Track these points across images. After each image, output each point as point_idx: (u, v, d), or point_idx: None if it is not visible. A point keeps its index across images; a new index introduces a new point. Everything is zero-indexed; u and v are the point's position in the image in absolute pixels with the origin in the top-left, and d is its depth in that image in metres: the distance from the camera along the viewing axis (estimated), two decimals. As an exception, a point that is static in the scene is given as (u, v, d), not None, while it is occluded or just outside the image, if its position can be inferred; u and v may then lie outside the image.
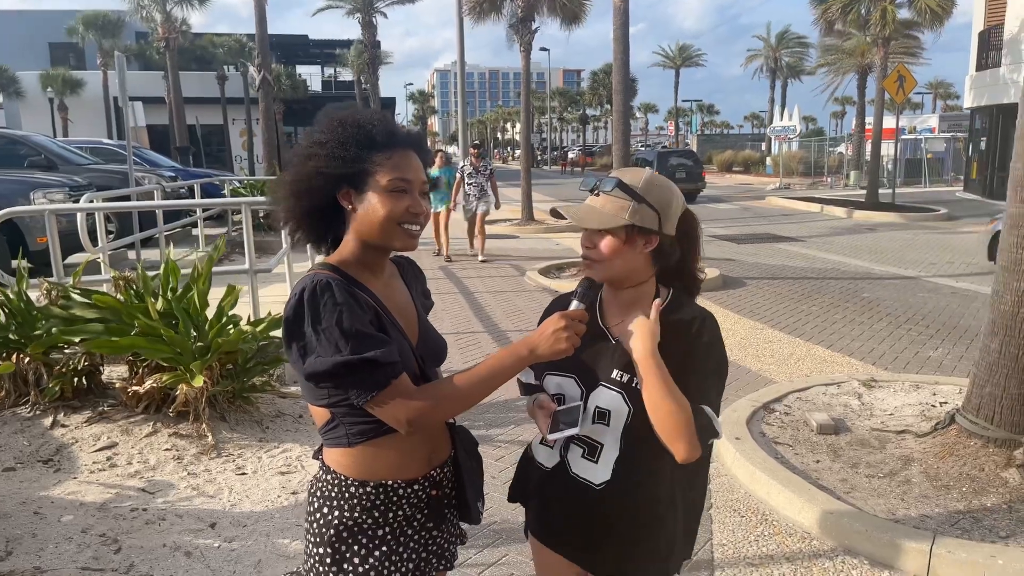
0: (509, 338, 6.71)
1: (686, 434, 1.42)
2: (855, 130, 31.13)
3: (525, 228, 15.63)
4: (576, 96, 71.04)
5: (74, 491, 3.55)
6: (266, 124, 22.53)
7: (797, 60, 47.91)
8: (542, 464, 1.68)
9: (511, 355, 1.40)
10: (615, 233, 1.52)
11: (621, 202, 1.52)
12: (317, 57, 44.85)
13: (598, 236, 1.53)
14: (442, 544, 1.58)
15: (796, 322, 7.25)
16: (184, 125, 28.60)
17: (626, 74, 11.50)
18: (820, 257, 11.68)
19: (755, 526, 3.33)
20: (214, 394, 4.18)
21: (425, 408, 1.37)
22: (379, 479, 1.45)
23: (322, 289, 1.35)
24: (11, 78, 34.42)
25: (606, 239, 1.52)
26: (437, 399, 1.39)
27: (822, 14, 22.15)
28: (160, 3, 28.20)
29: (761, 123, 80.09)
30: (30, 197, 8.51)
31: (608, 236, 1.52)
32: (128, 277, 4.56)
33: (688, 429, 1.42)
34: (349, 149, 1.41)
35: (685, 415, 1.42)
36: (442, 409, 1.41)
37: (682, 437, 1.42)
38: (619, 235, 1.52)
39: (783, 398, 4.71)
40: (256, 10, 20.57)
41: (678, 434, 1.42)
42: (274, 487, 3.65)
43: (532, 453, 1.73)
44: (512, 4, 16.83)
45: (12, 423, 4.19)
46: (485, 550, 3.08)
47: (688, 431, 1.42)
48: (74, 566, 2.91)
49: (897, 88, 17.97)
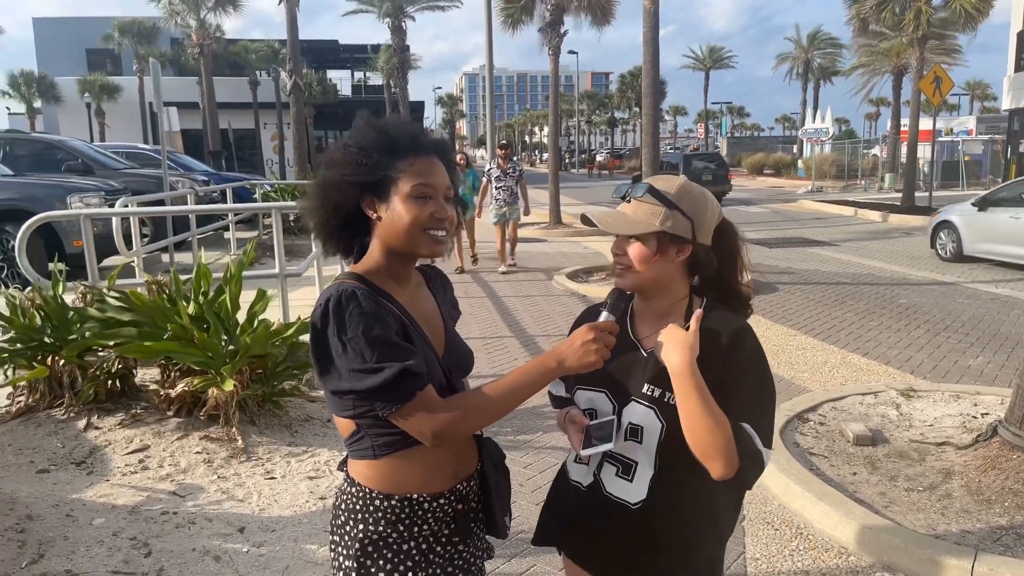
0: (537, 343, 6.67)
1: (724, 452, 1.36)
2: (890, 132, 30.57)
3: (553, 232, 15.59)
4: (604, 99, 70.83)
5: (106, 494, 3.59)
6: (297, 128, 22.80)
7: (829, 61, 47.23)
8: (577, 482, 1.62)
9: (539, 367, 1.37)
10: (646, 240, 1.48)
11: (652, 208, 1.48)
12: (347, 62, 45.31)
13: (629, 243, 1.49)
14: (468, 559, 1.55)
15: (830, 328, 7.11)
16: (217, 129, 29.06)
17: (656, 77, 11.40)
18: (854, 262, 11.47)
19: (789, 540, 3.25)
20: (244, 398, 4.21)
21: (451, 420, 1.35)
22: (404, 492, 1.43)
23: (347, 299, 1.34)
24: (49, 84, 35.29)
25: (636, 246, 1.48)
26: (463, 411, 1.37)
27: (856, 13, 21.80)
28: (194, 10, 28.68)
29: (793, 125, 79.10)
30: (67, 201, 8.67)
31: (638, 243, 1.48)
32: (161, 281, 4.61)
33: (727, 447, 1.36)
34: (372, 156, 1.40)
35: (723, 433, 1.36)
36: (468, 421, 1.38)
37: (720, 455, 1.37)
38: (650, 242, 1.48)
39: (817, 407, 4.61)
40: (288, 16, 20.83)
41: (716, 452, 1.37)
42: (302, 492, 3.65)
43: (565, 475, 1.68)
44: (542, 7, 16.83)
45: (46, 425, 4.25)
46: (513, 560, 3.05)
47: (727, 449, 1.36)
48: (105, 569, 2.94)
49: (934, 89, 17.61)
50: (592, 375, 1.49)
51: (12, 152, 11.64)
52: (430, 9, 29.90)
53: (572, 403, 1.65)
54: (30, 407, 4.40)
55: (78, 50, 38.84)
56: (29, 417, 4.33)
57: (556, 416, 1.72)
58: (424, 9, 30.00)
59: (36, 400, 4.42)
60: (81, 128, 32.00)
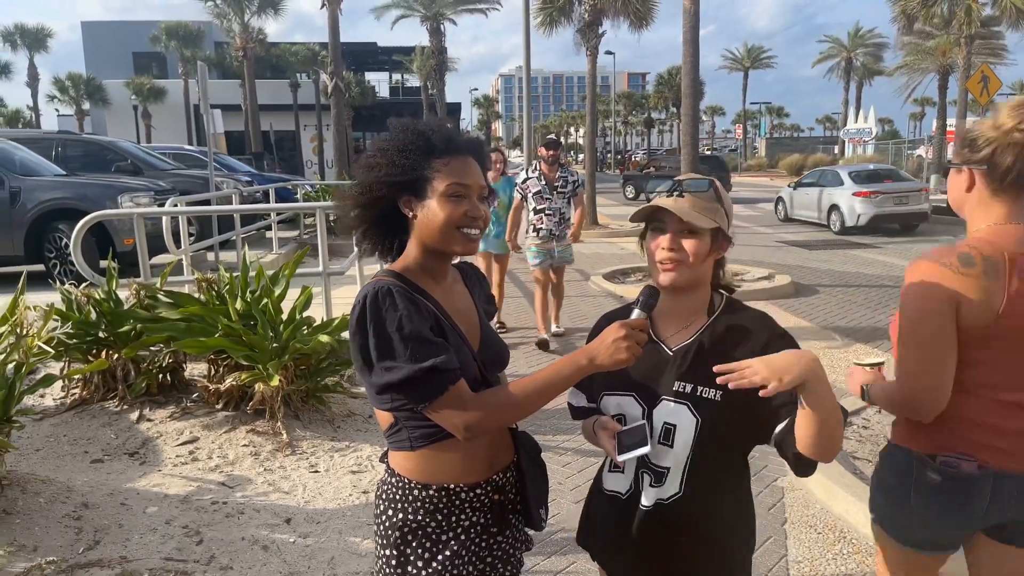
0: (574, 343, 6.68)
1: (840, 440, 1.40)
2: (936, 132, 29.89)
3: (589, 232, 15.54)
4: (641, 99, 70.41)
5: (158, 483, 3.71)
6: (337, 130, 23.10)
7: (872, 60, 46.30)
8: (616, 492, 1.60)
9: (570, 364, 1.39)
10: (703, 236, 1.48)
11: (711, 205, 1.49)
12: (385, 64, 45.72)
13: (686, 238, 1.49)
14: (507, 549, 1.59)
15: (872, 332, 7.00)
16: (259, 131, 29.60)
17: (695, 77, 11.33)
18: (897, 264, 11.24)
19: (832, 544, 3.23)
20: (288, 393, 4.30)
21: (481, 416, 1.38)
22: (441, 482, 1.47)
23: (383, 295, 1.38)
24: (97, 86, 36.23)
25: (694, 241, 1.48)
26: (493, 407, 1.40)
27: (901, 10, 21.38)
28: (239, 13, 29.26)
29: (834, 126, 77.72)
30: (118, 201, 8.93)
31: (696, 238, 1.48)
32: (210, 279, 4.73)
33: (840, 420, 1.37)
34: (409, 156, 1.45)
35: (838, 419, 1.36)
36: (498, 416, 1.41)
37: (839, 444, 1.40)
38: (706, 238, 1.49)
39: (861, 411, 4.55)
40: (330, 20, 21.12)
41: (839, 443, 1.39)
42: (346, 485, 3.72)
43: (601, 486, 1.66)
44: (580, 8, 16.82)
45: (100, 417, 4.40)
46: (552, 557, 3.08)
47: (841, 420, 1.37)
48: (158, 556, 3.03)
49: (981, 89, 17.14)
50: (619, 380, 1.52)
51: (65, 153, 12.01)
52: (469, 12, 30.09)
53: (591, 413, 1.65)
54: (84, 399, 4.55)
55: (125, 53, 39.81)
56: (83, 409, 4.49)
57: (582, 427, 1.71)
58: (463, 12, 30.20)
59: (90, 393, 4.57)
60: (128, 130, 32.80)
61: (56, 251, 9.05)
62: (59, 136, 13.23)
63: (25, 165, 9.63)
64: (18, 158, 9.66)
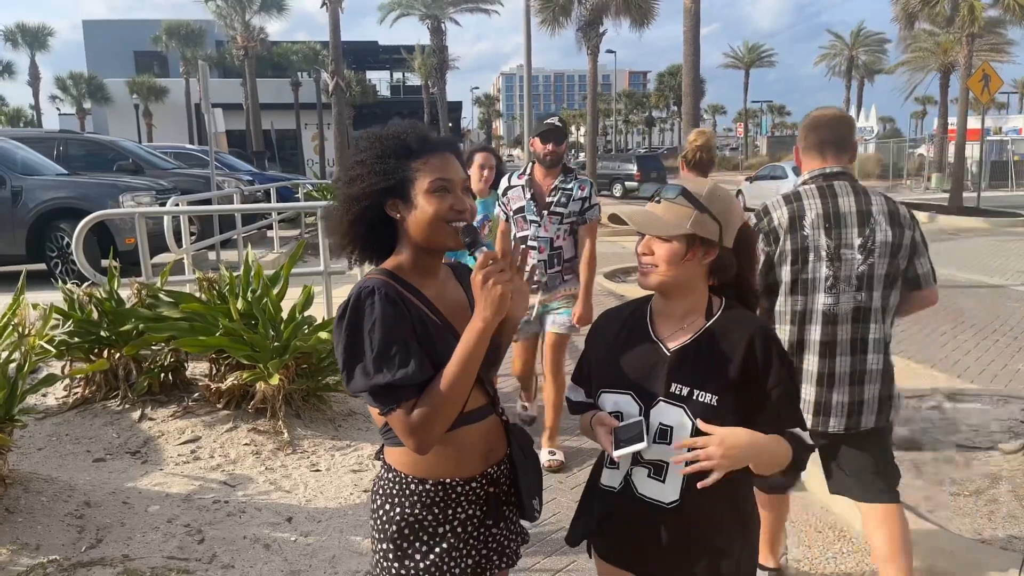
0: (575, 343, 6.68)
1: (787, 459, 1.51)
2: (938, 131, 29.90)
3: (590, 231, 15.50)
4: (642, 98, 70.41)
5: (160, 482, 3.72)
6: (339, 128, 23.15)
7: (874, 59, 46.23)
8: (609, 486, 1.63)
9: (471, 333, 1.40)
10: (675, 242, 1.50)
11: (684, 210, 1.50)
12: (386, 62, 45.76)
13: (657, 243, 1.51)
14: (502, 542, 1.61)
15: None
16: (260, 130, 29.63)
17: (696, 76, 11.34)
18: (898, 263, 11.23)
19: (832, 543, 3.24)
20: (289, 392, 4.32)
21: (419, 424, 1.40)
22: (437, 477, 1.50)
23: (366, 296, 1.41)
24: (98, 85, 36.30)
25: (664, 247, 1.51)
26: (429, 409, 1.40)
27: (902, 9, 21.35)
28: (240, 13, 29.28)
29: (835, 124, 77.39)
30: (119, 200, 8.94)
31: (667, 244, 1.50)
32: (211, 278, 4.74)
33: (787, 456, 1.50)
34: (388, 161, 1.47)
35: (784, 451, 1.49)
36: (436, 417, 1.41)
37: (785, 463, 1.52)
38: (679, 244, 1.50)
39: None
40: (331, 19, 21.16)
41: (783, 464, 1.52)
42: (346, 484, 3.74)
43: (597, 479, 1.68)
44: (580, 8, 16.83)
45: (102, 416, 4.41)
46: (552, 555, 3.08)
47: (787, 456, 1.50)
48: (160, 555, 3.05)
49: (982, 87, 17.16)
50: (616, 378, 1.54)
51: (66, 152, 12.03)
52: (470, 11, 30.10)
53: (589, 408, 1.66)
54: (86, 398, 4.57)
55: (126, 52, 39.87)
56: (85, 408, 4.50)
57: (580, 422, 1.73)
58: (464, 11, 30.22)
59: (92, 392, 4.59)
60: (129, 128, 32.85)
61: (58, 250, 9.07)
62: (61, 135, 13.26)
63: (27, 164, 9.65)
64: (20, 157, 9.68)
